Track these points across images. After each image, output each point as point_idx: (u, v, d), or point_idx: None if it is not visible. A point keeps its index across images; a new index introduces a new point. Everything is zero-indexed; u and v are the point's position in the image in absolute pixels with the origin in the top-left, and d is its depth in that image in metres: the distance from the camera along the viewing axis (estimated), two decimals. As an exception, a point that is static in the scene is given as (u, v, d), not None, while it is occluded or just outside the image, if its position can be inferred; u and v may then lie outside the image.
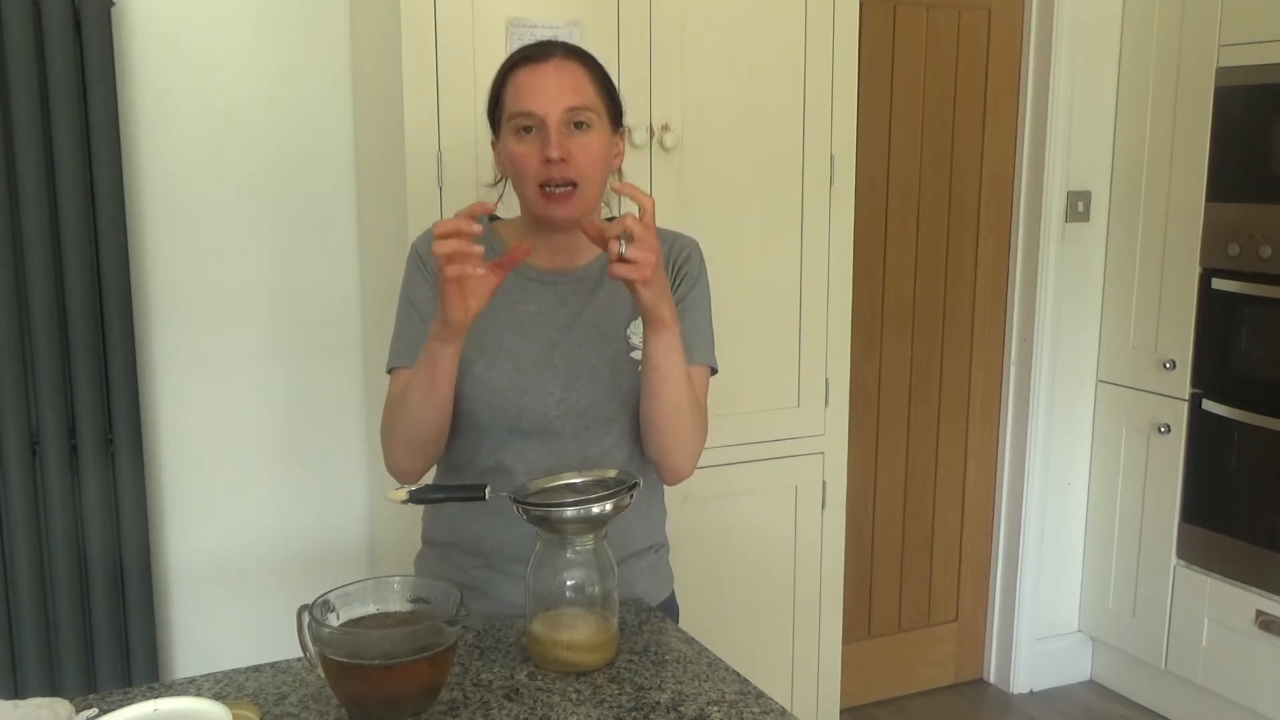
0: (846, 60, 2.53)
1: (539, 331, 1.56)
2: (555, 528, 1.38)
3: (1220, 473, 3.02)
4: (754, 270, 2.50)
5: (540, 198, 1.49)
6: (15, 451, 2.28)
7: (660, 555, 1.71)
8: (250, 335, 2.55)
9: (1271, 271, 2.84)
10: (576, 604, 1.40)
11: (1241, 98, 2.89)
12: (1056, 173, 3.19)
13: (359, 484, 2.69)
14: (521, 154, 1.48)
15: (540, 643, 1.39)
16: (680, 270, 1.61)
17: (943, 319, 3.27)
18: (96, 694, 1.32)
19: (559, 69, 1.48)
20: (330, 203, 2.58)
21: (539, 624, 1.40)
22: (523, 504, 1.37)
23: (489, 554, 1.60)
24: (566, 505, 1.36)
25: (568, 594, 1.40)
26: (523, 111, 1.47)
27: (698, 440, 1.58)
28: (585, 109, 1.48)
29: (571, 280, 1.59)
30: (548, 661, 1.39)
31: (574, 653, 1.39)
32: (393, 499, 1.40)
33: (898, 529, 3.33)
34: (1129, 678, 3.37)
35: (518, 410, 1.54)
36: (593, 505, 1.36)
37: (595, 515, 1.37)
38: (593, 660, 1.40)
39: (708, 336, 1.63)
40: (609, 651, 1.42)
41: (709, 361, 1.63)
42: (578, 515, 1.36)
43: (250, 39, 2.47)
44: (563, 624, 1.39)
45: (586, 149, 1.48)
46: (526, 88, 1.48)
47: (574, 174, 1.47)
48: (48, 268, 2.25)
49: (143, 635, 2.42)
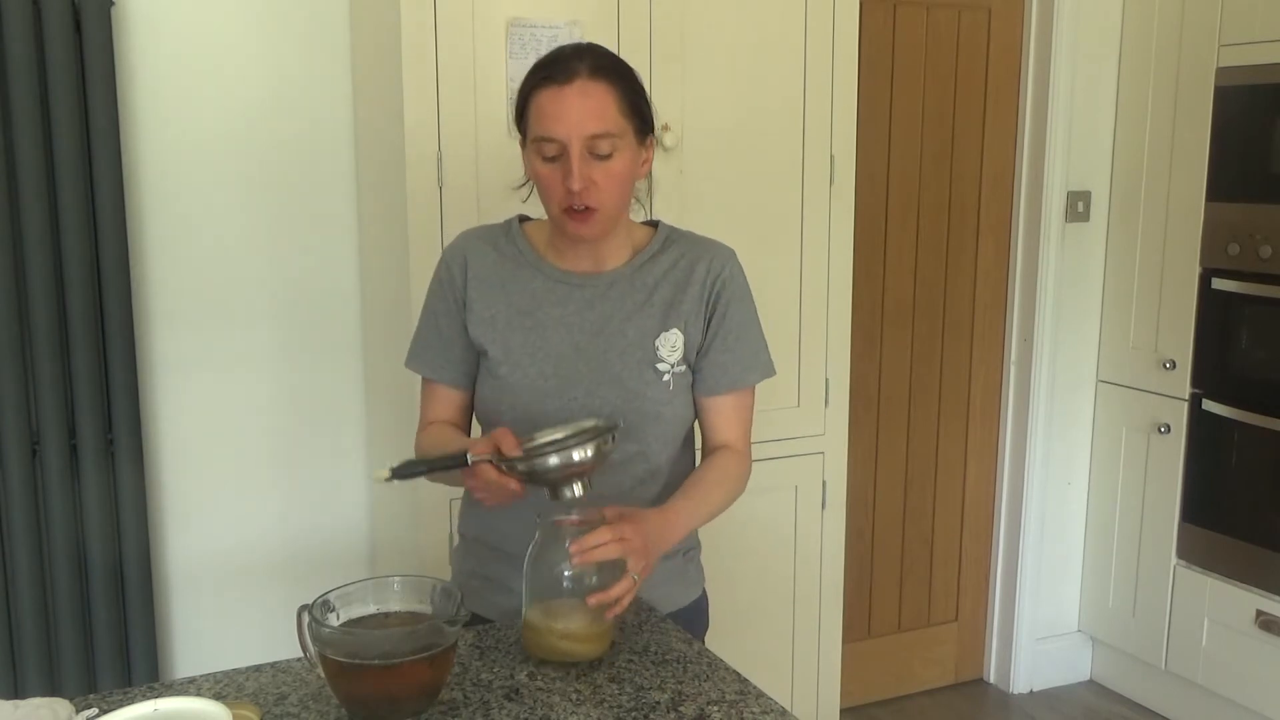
0: (846, 60, 2.53)
1: (564, 335, 1.56)
2: (541, 479, 1.37)
3: (1220, 473, 3.02)
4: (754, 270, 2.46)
5: (563, 217, 1.50)
6: (15, 452, 2.28)
7: (690, 558, 1.71)
8: (250, 335, 2.55)
9: (1271, 271, 2.84)
10: (574, 594, 1.39)
11: (1241, 98, 2.89)
12: (1056, 173, 3.19)
13: (359, 484, 2.69)
14: (545, 175, 1.49)
15: (536, 631, 1.39)
16: (721, 293, 1.60)
17: (943, 319, 3.27)
18: (96, 694, 1.32)
19: (582, 93, 1.46)
20: (330, 203, 2.58)
21: (535, 612, 1.39)
22: (504, 461, 1.36)
23: (510, 553, 1.59)
24: (547, 451, 1.35)
25: (565, 584, 1.39)
26: (545, 137, 1.47)
27: (739, 492, 1.64)
28: (608, 136, 1.46)
29: (600, 284, 1.58)
30: (543, 650, 1.39)
31: (570, 642, 1.38)
32: (377, 479, 1.37)
33: (898, 529, 3.33)
34: (1129, 678, 3.37)
35: (539, 413, 1.54)
36: (573, 451, 1.35)
37: (577, 461, 1.35)
38: (588, 651, 1.39)
39: (763, 352, 1.65)
40: (604, 643, 1.41)
41: (766, 376, 1.65)
42: (561, 461, 1.35)
43: (250, 38, 2.47)
44: (559, 613, 1.39)
45: (609, 174, 1.48)
46: (550, 113, 1.46)
47: (594, 200, 1.48)
48: (48, 268, 2.25)
49: (143, 635, 2.42)
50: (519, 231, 1.62)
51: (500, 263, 1.60)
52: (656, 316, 1.58)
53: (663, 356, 1.57)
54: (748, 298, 1.63)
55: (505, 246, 1.61)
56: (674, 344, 1.57)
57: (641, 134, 1.53)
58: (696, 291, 1.59)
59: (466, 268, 1.59)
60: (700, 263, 1.60)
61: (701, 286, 1.59)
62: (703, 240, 1.64)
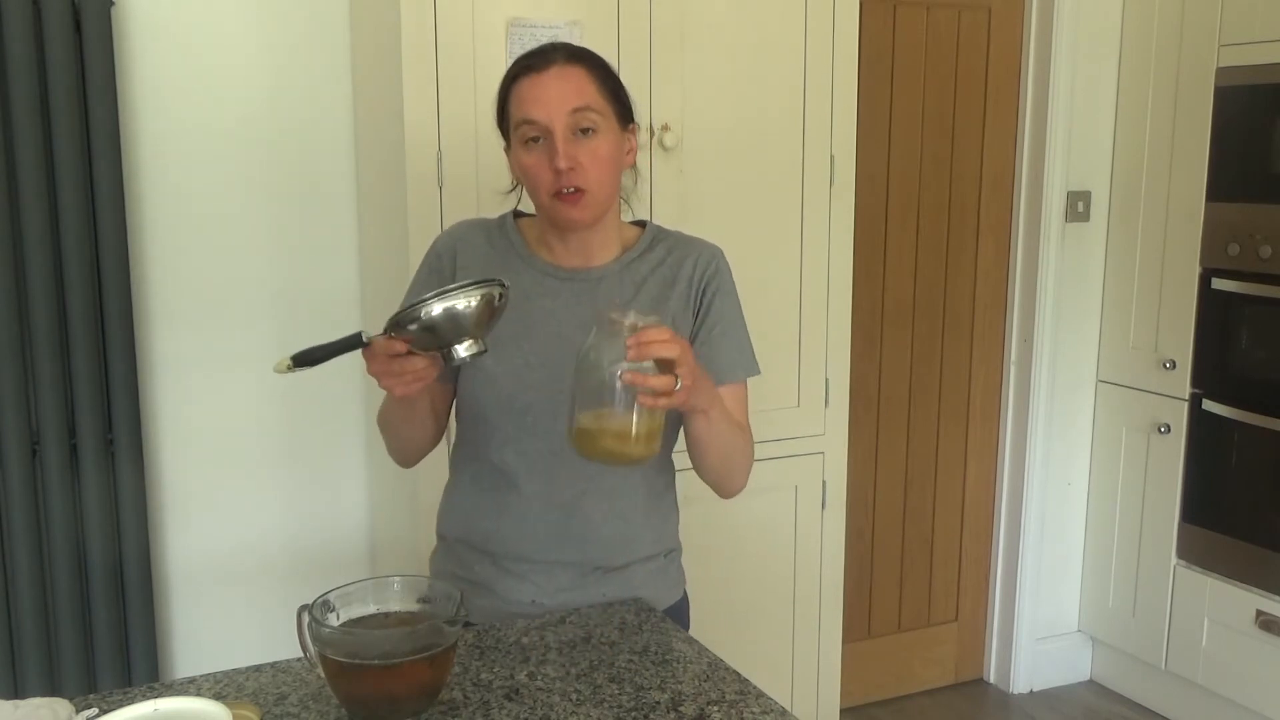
0: (846, 60, 2.53)
1: (551, 328, 1.56)
2: (435, 336, 1.31)
3: (1220, 473, 3.02)
4: (754, 270, 2.50)
5: (553, 203, 1.50)
6: (15, 451, 2.28)
7: (671, 559, 1.71)
8: (250, 335, 2.55)
9: (1271, 271, 2.84)
10: (624, 396, 1.35)
11: (1241, 98, 2.89)
12: (1056, 173, 3.19)
13: (359, 484, 2.69)
14: (531, 164, 1.49)
15: (589, 434, 1.36)
16: (708, 288, 1.60)
17: (943, 319, 3.27)
18: (96, 694, 1.32)
19: (560, 75, 1.48)
20: (330, 202, 2.58)
21: (588, 416, 1.36)
22: (395, 327, 1.31)
23: (495, 553, 1.60)
24: (431, 299, 1.29)
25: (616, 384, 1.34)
26: (528, 120, 1.48)
27: (747, 463, 1.62)
28: (589, 112, 1.48)
29: (589, 279, 1.59)
30: (597, 451, 1.37)
31: (622, 442, 1.36)
32: (277, 370, 1.33)
33: (898, 529, 3.33)
34: (1129, 678, 3.37)
35: (523, 405, 1.54)
36: (457, 298, 1.29)
37: (463, 310, 1.30)
38: (639, 451, 1.37)
39: (747, 349, 1.64)
40: (655, 443, 1.39)
41: (751, 374, 1.64)
42: (445, 312, 1.29)
43: (250, 38, 2.47)
44: (610, 415, 1.36)
45: (594, 153, 1.48)
46: (530, 97, 1.48)
47: (582, 180, 1.48)
48: (48, 268, 2.25)
49: (143, 635, 2.42)
50: (512, 225, 1.63)
51: (491, 253, 1.60)
52: (645, 310, 1.57)
53: None
54: (734, 295, 1.63)
55: (498, 238, 1.61)
56: None
57: (622, 120, 1.54)
58: (684, 288, 1.59)
59: (456, 255, 1.60)
60: (688, 260, 1.60)
61: (689, 284, 1.59)
62: (690, 239, 1.65)
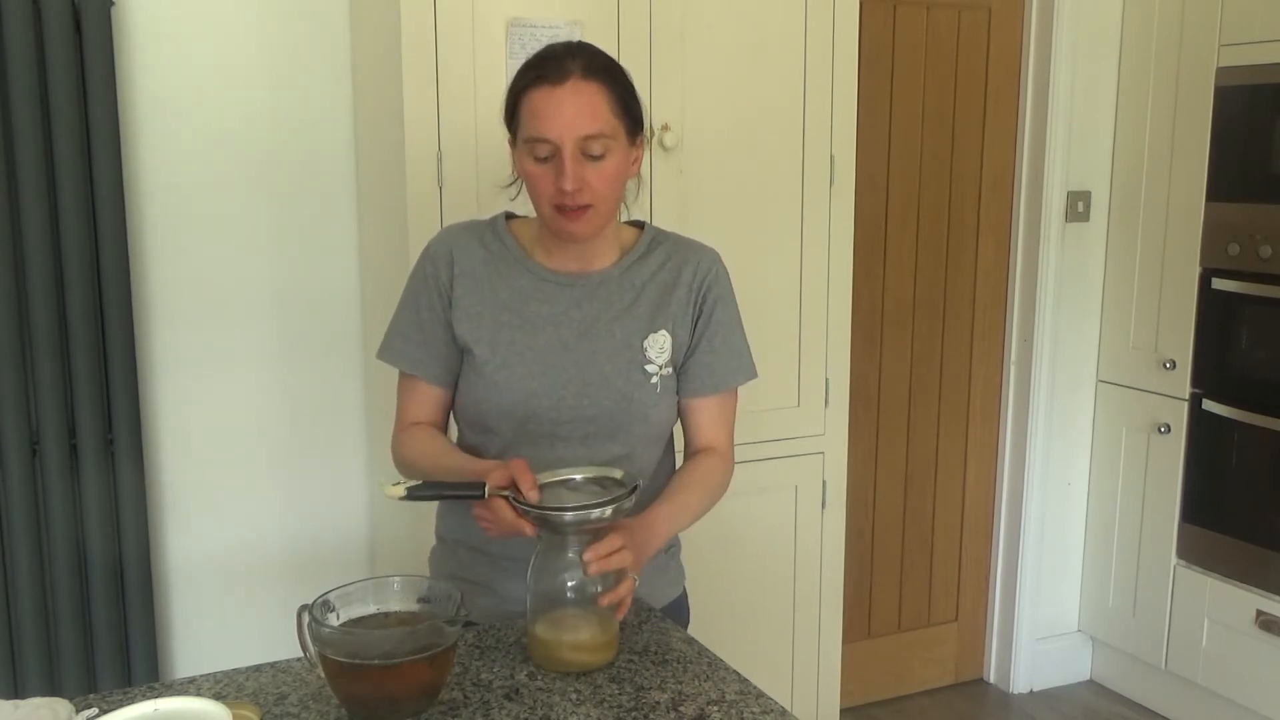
0: (846, 60, 2.53)
1: (551, 334, 1.56)
2: (555, 529, 1.38)
3: (1220, 473, 3.02)
4: (754, 270, 2.50)
5: (555, 215, 1.49)
6: (15, 451, 2.28)
7: (671, 555, 1.71)
8: (250, 335, 2.55)
9: (1271, 271, 2.83)
10: (579, 604, 1.39)
11: (1241, 98, 2.89)
12: (1056, 173, 3.19)
13: (359, 484, 2.69)
14: (537, 175, 1.48)
15: (544, 644, 1.39)
16: (708, 294, 1.60)
17: (943, 319, 3.27)
18: (96, 694, 1.32)
19: (575, 92, 1.45)
20: (330, 202, 2.58)
21: (542, 626, 1.39)
22: (522, 504, 1.37)
23: (494, 554, 1.60)
24: (566, 510, 1.36)
25: (569, 595, 1.39)
26: (538, 138, 1.46)
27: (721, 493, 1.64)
28: (601, 137, 1.46)
29: (588, 284, 1.58)
30: (551, 663, 1.39)
31: (579, 653, 1.38)
32: (389, 495, 1.37)
33: (898, 529, 3.33)
34: (1129, 678, 3.37)
35: (526, 413, 1.54)
36: (592, 510, 1.36)
37: (595, 519, 1.36)
38: (598, 660, 1.40)
39: (745, 355, 1.64)
40: (612, 651, 1.42)
41: (749, 378, 1.65)
42: (577, 519, 1.36)
43: (250, 38, 2.47)
44: (566, 625, 1.39)
45: (601, 173, 1.47)
46: (543, 112, 1.45)
47: (588, 199, 1.47)
48: (48, 268, 2.25)
49: (143, 635, 2.42)
50: (505, 229, 1.61)
51: (487, 259, 1.58)
52: (644, 318, 1.57)
53: (651, 358, 1.56)
54: (732, 300, 1.63)
55: (492, 243, 1.60)
56: (662, 346, 1.57)
57: (632, 134, 1.53)
58: (684, 294, 1.59)
59: (453, 263, 1.58)
60: (687, 265, 1.60)
61: (689, 289, 1.59)
62: (688, 242, 1.64)
